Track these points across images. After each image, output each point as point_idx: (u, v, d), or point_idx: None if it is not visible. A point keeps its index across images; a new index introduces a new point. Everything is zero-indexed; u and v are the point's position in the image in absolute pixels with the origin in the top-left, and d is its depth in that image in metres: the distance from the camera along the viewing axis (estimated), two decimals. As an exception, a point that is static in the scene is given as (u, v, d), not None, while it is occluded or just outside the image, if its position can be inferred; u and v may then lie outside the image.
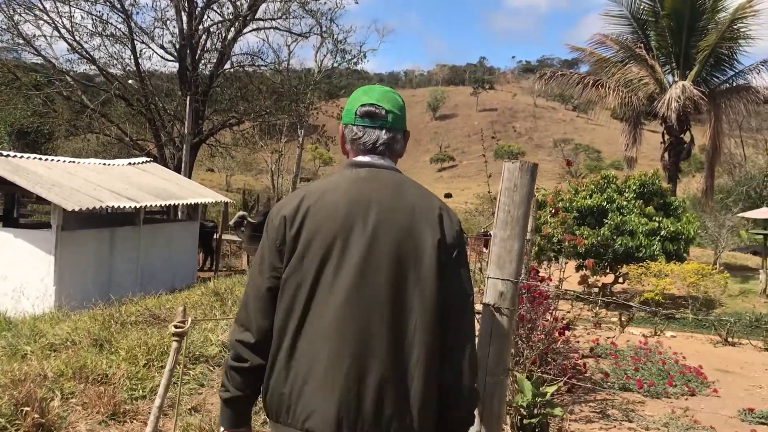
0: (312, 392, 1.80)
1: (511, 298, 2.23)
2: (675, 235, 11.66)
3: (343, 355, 1.80)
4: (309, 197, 1.93)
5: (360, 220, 1.88)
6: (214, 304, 7.96)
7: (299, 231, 1.88)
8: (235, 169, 46.91)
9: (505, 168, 2.28)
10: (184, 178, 17.34)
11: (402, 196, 1.93)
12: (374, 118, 1.99)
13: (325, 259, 1.85)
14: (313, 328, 1.83)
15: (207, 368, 5.67)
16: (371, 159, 2.00)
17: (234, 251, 22.71)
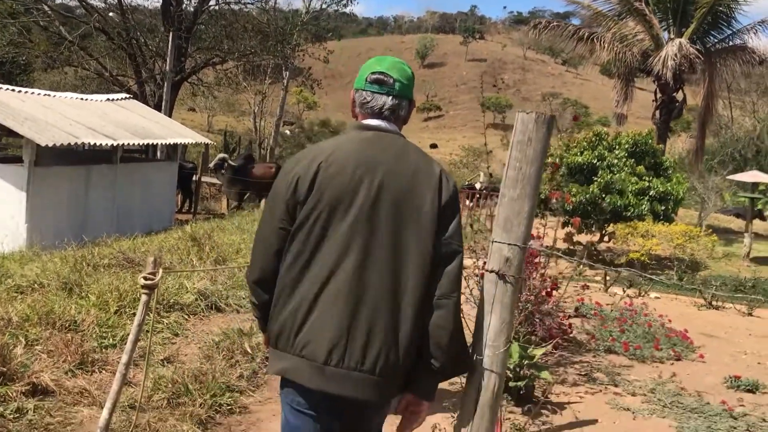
0: (310, 326, 2.01)
1: (517, 265, 2.00)
2: (664, 195, 11.52)
3: (340, 298, 2.00)
4: (320, 156, 2.10)
5: (366, 180, 2.06)
6: (191, 250, 7.71)
7: (310, 187, 2.06)
8: (217, 110, 46.05)
9: (519, 119, 2.03)
10: (164, 117, 16.87)
11: (405, 159, 2.12)
12: (382, 85, 2.17)
13: (332, 214, 2.05)
14: (316, 273, 2.03)
15: (182, 317, 5.46)
16: (378, 123, 2.18)
17: (213, 194, 22.35)
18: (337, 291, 2.02)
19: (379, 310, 2.00)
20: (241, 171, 18.10)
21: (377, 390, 2.01)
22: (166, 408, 3.73)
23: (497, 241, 2.01)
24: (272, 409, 4.04)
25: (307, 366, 2.01)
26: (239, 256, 7.95)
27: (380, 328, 2.00)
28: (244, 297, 6.32)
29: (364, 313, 2.00)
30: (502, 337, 2.00)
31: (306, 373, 2.01)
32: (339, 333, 1.99)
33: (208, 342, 4.84)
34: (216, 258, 7.62)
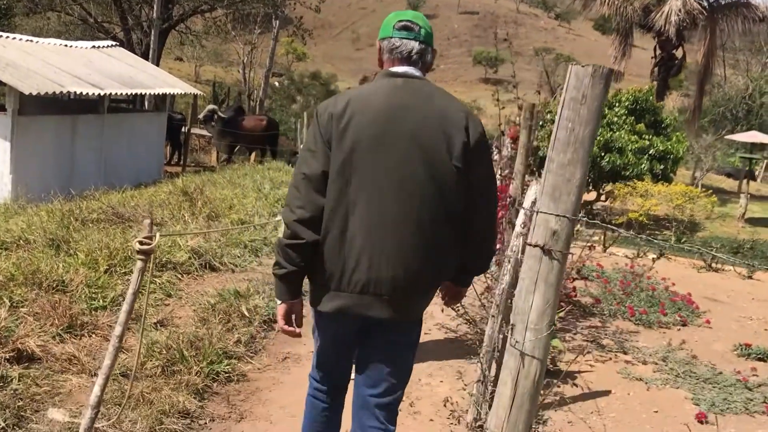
0: (366, 262, 2.16)
1: (565, 239, 1.77)
2: (664, 154, 11.30)
3: (387, 237, 2.16)
4: (354, 100, 2.21)
5: (398, 123, 2.18)
6: (183, 205, 7.44)
7: (345, 129, 2.17)
8: (205, 60, 45.02)
9: (572, 73, 1.77)
10: (152, 66, 16.37)
11: (433, 103, 2.24)
12: (410, 31, 2.28)
13: (368, 156, 2.16)
14: (362, 212, 2.15)
15: (175, 276, 5.24)
16: (406, 69, 2.28)
17: (203, 146, 21.91)
18: (384, 230, 2.18)
19: (423, 245, 2.21)
20: (231, 123, 17.69)
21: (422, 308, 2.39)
22: (161, 376, 3.53)
23: (543, 212, 1.77)
24: (272, 377, 3.85)
25: (370, 300, 2.20)
26: (232, 212, 7.70)
27: (426, 260, 2.22)
28: (239, 255, 6.11)
29: (412, 249, 2.20)
30: (545, 319, 1.78)
31: (370, 306, 2.21)
32: (395, 269, 2.18)
33: (203, 304, 4.62)
34: (209, 214, 7.37)
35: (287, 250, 2.20)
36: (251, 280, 5.41)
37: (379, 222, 2.18)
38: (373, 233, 2.17)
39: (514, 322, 1.83)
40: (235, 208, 7.92)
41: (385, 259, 2.18)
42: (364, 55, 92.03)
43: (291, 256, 2.20)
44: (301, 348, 4.31)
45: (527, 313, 1.79)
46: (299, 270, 2.22)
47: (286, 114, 31.23)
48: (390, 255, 2.18)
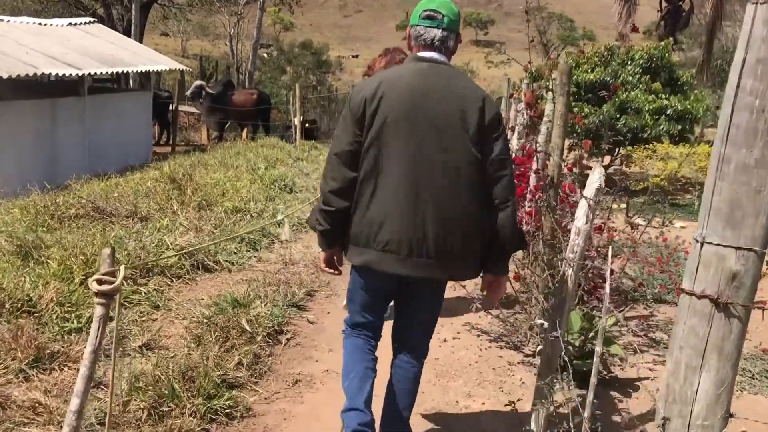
0: (390, 226, 2.44)
1: (751, 285, 1.12)
2: (682, 114, 10.59)
3: (413, 202, 2.44)
4: (384, 83, 2.50)
5: (422, 103, 2.46)
6: (170, 194, 6.75)
7: (376, 109, 2.46)
8: (191, 34, 43.87)
9: (758, 17, 1.10)
10: (134, 43, 15.53)
11: (454, 86, 2.52)
12: (433, 20, 2.54)
13: (395, 132, 2.45)
14: (388, 182, 2.45)
15: (163, 282, 4.58)
16: (431, 55, 2.55)
17: (192, 124, 21.08)
18: (407, 198, 2.42)
19: (444, 212, 2.44)
20: (220, 98, 16.89)
21: (444, 271, 2.53)
22: (147, 421, 2.88)
23: (713, 243, 1.11)
24: (282, 410, 3.21)
25: (390, 258, 2.45)
26: (225, 198, 7.02)
27: (445, 227, 2.45)
28: (236, 251, 5.45)
29: (432, 215, 2.43)
30: (719, 410, 1.13)
31: (390, 263, 2.45)
32: (414, 232, 2.43)
33: (196, 317, 3.97)
34: (200, 202, 6.70)
35: (323, 214, 2.54)
36: (251, 282, 4.76)
37: (401, 189, 2.44)
38: (396, 199, 2.44)
39: (668, 414, 1.18)
40: (228, 194, 7.24)
41: (405, 222, 2.43)
42: (352, 22, 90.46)
43: (326, 219, 2.54)
44: (313, 366, 3.69)
45: (690, 401, 1.15)
46: (333, 229, 2.55)
47: (276, 86, 30.29)
48: (408, 220, 2.44)
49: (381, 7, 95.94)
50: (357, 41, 78.97)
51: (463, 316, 4.56)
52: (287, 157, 12.28)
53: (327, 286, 5.03)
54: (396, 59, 3.93)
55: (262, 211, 6.90)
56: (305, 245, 6.03)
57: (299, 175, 10.31)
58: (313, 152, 13.63)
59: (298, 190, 8.96)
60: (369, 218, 2.46)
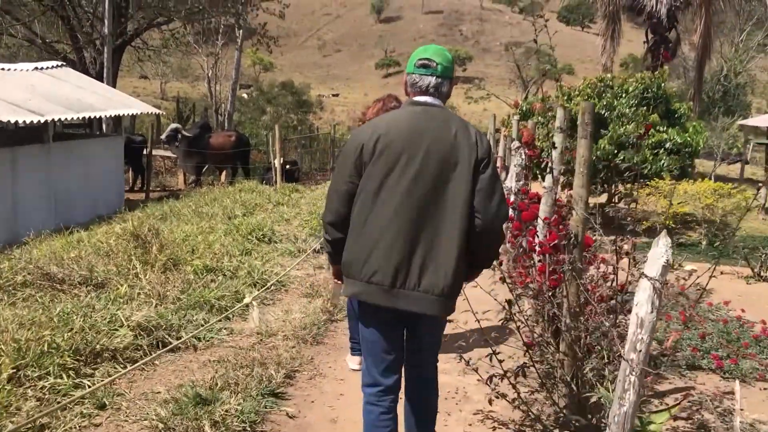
0: (376, 259, 2.58)
1: None
2: (681, 147, 10.06)
3: (399, 236, 2.57)
4: (380, 127, 2.66)
5: (417, 144, 2.61)
6: (133, 252, 6.02)
7: (372, 150, 2.61)
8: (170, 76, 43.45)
9: None
10: (103, 86, 14.86)
11: (448, 127, 2.67)
12: (428, 68, 2.71)
13: (390, 171, 2.60)
14: (379, 217, 2.59)
15: (114, 368, 3.83)
16: (426, 99, 2.72)
17: (169, 168, 20.36)
18: (397, 231, 2.57)
19: (431, 246, 2.59)
20: (197, 142, 16.26)
21: (431, 305, 2.60)
22: None
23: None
24: None
25: (375, 289, 2.59)
26: (195, 256, 6.29)
27: (431, 259, 2.58)
28: (203, 322, 4.72)
29: (419, 248, 2.58)
30: None
31: (375, 294, 2.59)
32: (400, 263, 2.56)
33: (149, 419, 3.23)
34: (166, 262, 5.97)
35: (326, 239, 2.78)
36: (221, 362, 4.03)
37: (392, 225, 2.57)
38: (384, 232, 2.58)
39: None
40: (198, 251, 6.52)
41: (391, 254, 2.56)
42: (332, 61, 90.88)
43: (329, 244, 2.77)
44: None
45: None
46: (336, 252, 2.72)
47: (256, 127, 29.78)
48: (393, 252, 2.56)
49: (360, 47, 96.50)
50: (337, 80, 79.12)
51: (473, 399, 3.85)
52: (267, 202, 11.61)
53: (310, 363, 4.31)
54: (388, 106, 4.00)
55: (236, 269, 6.18)
56: (284, 310, 5.31)
57: (279, 222, 9.62)
58: (293, 195, 12.97)
59: (278, 240, 8.26)
60: (358, 250, 2.61)
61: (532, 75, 64.09)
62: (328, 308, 5.31)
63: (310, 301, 5.56)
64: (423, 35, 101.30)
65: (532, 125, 7.36)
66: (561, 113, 5.01)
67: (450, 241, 2.57)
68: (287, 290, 6.08)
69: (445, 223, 2.58)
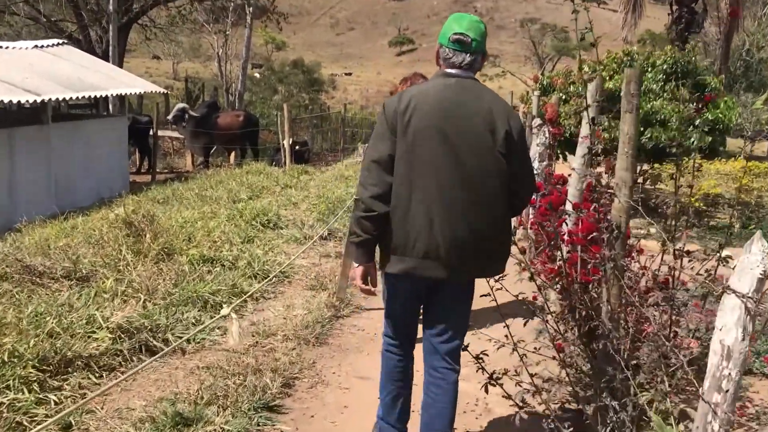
0: (427, 233, 2.58)
1: None
2: (713, 124, 9.46)
3: (450, 207, 2.58)
4: (415, 97, 2.63)
5: (452, 115, 2.60)
6: (123, 241, 5.57)
7: (408, 121, 2.59)
8: (182, 56, 42.99)
9: None
10: (107, 65, 14.40)
11: (481, 99, 2.66)
12: (462, 44, 2.66)
13: (427, 143, 2.58)
14: (423, 190, 2.58)
15: (87, 378, 3.38)
16: (458, 71, 2.69)
17: (177, 149, 19.90)
18: (442, 206, 2.58)
19: (475, 219, 2.61)
20: (204, 122, 15.78)
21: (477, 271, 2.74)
22: None
23: None
24: None
25: (429, 264, 2.60)
26: (192, 245, 5.83)
27: (476, 232, 2.61)
28: (195, 321, 4.26)
29: (468, 218, 2.60)
30: None
31: (429, 269, 2.61)
32: (453, 236, 2.58)
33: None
34: (160, 251, 5.52)
35: (363, 222, 2.63)
36: (209, 369, 3.58)
37: (436, 198, 2.58)
38: (431, 208, 2.58)
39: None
40: (196, 239, 6.06)
41: (441, 229, 2.58)
42: (345, 39, 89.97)
43: (366, 227, 2.63)
44: None
45: None
46: (373, 238, 2.65)
47: (267, 107, 29.27)
48: (444, 226, 2.58)
49: (372, 25, 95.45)
50: (350, 59, 78.33)
51: (494, 413, 3.37)
52: (274, 185, 11.12)
53: (311, 368, 3.84)
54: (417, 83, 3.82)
55: (236, 258, 5.72)
56: (285, 305, 4.85)
57: (287, 206, 9.14)
58: (303, 178, 12.47)
59: (283, 225, 7.78)
60: (407, 227, 2.59)
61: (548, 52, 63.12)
62: (334, 303, 4.84)
63: (314, 295, 5.09)
64: (437, 12, 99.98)
65: (556, 100, 6.81)
66: (594, 85, 4.46)
67: (494, 209, 2.64)
68: (290, 282, 5.61)
69: (488, 193, 2.61)
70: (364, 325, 4.64)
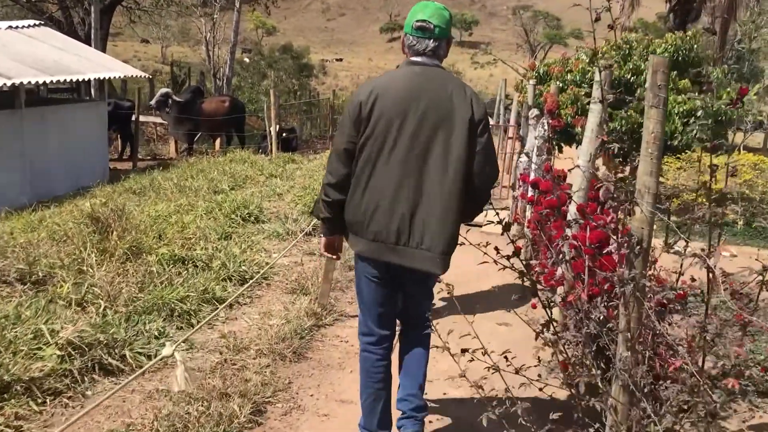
0: (380, 216, 2.65)
1: None
2: (714, 116, 9.07)
3: (401, 193, 2.64)
4: (378, 87, 2.68)
5: (414, 103, 2.65)
6: (89, 239, 5.12)
7: (371, 110, 2.65)
8: (171, 40, 42.30)
9: None
10: (85, 48, 13.84)
11: (444, 86, 2.69)
12: (425, 31, 2.71)
13: (388, 130, 2.64)
14: (380, 175, 2.65)
15: (26, 406, 2.95)
16: (423, 59, 2.74)
17: (162, 135, 19.34)
18: (398, 189, 2.63)
19: (431, 203, 2.64)
20: (188, 107, 15.26)
21: (433, 262, 2.66)
22: None
23: None
24: None
25: (380, 246, 2.67)
26: (163, 243, 5.40)
27: (432, 217, 2.64)
28: (158, 333, 3.84)
29: (420, 206, 2.64)
30: None
31: (380, 251, 2.68)
32: (402, 221, 2.64)
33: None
34: (127, 249, 5.08)
35: (324, 204, 2.78)
36: (169, 393, 3.16)
37: (392, 182, 2.63)
38: (386, 191, 2.64)
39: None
40: (168, 235, 5.62)
41: (394, 212, 2.64)
42: (336, 25, 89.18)
43: (326, 209, 2.78)
44: None
45: None
46: (333, 216, 2.78)
47: (255, 92, 28.65)
48: (398, 209, 2.64)
49: (364, 11, 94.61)
50: (341, 44, 77.65)
51: None
52: (259, 174, 10.67)
53: (286, 390, 3.42)
54: None
55: (211, 258, 5.29)
56: (261, 311, 4.43)
57: (270, 197, 8.71)
58: (289, 167, 12.01)
59: (266, 219, 7.35)
60: (363, 209, 2.68)
61: (540, 40, 62.59)
62: (315, 310, 4.42)
63: (293, 300, 4.67)
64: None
65: (555, 89, 6.38)
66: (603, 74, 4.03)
67: (449, 200, 2.64)
68: (269, 284, 5.19)
69: (445, 182, 2.63)
70: (349, 336, 4.22)
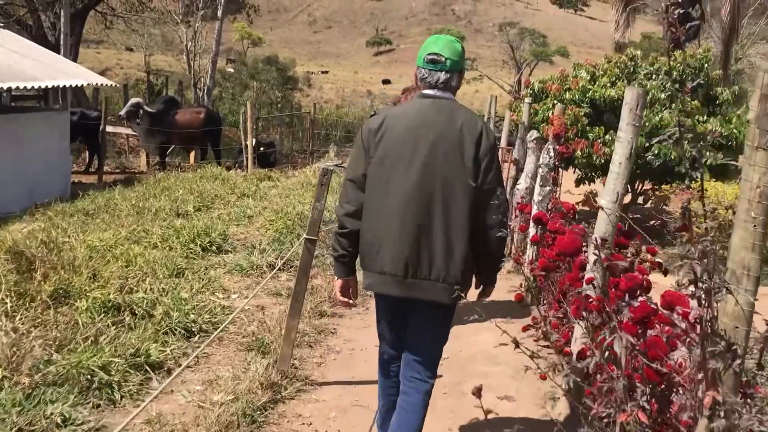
0: (387, 249, 2.62)
1: None
2: (725, 141, 8.37)
3: (408, 226, 2.61)
4: (389, 118, 2.72)
5: (424, 136, 2.64)
6: (4, 279, 4.22)
7: (379, 142, 2.67)
8: (155, 49, 41.45)
9: None
10: (49, 53, 12.90)
11: (454, 119, 2.67)
12: (437, 64, 2.70)
13: (398, 161, 2.63)
14: (388, 208, 2.63)
15: None
16: (434, 92, 2.72)
17: (134, 147, 18.37)
18: (405, 222, 2.60)
19: (437, 238, 2.60)
20: (160, 118, 14.39)
21: (441, 292, 2.62)
22: None
23: None
24: None
25: (389, 280, 2.64)
26: (97, 284, 4.51)
27: (438, 252, 2.60)
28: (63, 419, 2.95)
29: (426, 240, 2.60)
30: None
31: (389, 285, 2.65)
32: (410, 254, 2.60)
33: None
34: (53, 292, 4.20)
35: (339, 238, 2.76)
36: None
37: (399, 215, 2.61)
38: (393, 224, 2.62)
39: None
40: (105, 273, 4.73)
41: (401, 245, 2.60)
42: (322, 38, 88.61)
43: (342, 243, 2.75)
44: None
45: None
46: (349, 253, 2.77)
47: (237, 103, 27.82)
48: (405, 243, 2.60)
49: (350, 24, 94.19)
50: (327, 57, 77.00)
51: None
52: (229, 193, 9.80)
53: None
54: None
55: (153, 303, 4.41)
56: (206, 379, 3.55)
57: (240, 221, 7.84)
58: (264, 184, 11.14)
59: (230, 249, 6.49)
60: (371, 241, 2.67)
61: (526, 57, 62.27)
62: (273, 379, 3.56)
63: (249, 363, 3.80)
64: (415, 14, 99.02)
65: (560, 110, 5.58)
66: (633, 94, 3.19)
67: (457, 232, 2.61)
68: (222, 336, 4.31)
69: (452, 215, 2.61)
70: (313, 415, 3.37)
